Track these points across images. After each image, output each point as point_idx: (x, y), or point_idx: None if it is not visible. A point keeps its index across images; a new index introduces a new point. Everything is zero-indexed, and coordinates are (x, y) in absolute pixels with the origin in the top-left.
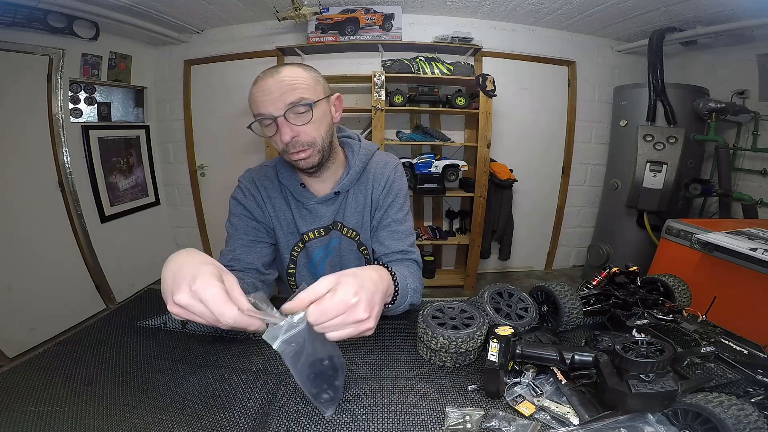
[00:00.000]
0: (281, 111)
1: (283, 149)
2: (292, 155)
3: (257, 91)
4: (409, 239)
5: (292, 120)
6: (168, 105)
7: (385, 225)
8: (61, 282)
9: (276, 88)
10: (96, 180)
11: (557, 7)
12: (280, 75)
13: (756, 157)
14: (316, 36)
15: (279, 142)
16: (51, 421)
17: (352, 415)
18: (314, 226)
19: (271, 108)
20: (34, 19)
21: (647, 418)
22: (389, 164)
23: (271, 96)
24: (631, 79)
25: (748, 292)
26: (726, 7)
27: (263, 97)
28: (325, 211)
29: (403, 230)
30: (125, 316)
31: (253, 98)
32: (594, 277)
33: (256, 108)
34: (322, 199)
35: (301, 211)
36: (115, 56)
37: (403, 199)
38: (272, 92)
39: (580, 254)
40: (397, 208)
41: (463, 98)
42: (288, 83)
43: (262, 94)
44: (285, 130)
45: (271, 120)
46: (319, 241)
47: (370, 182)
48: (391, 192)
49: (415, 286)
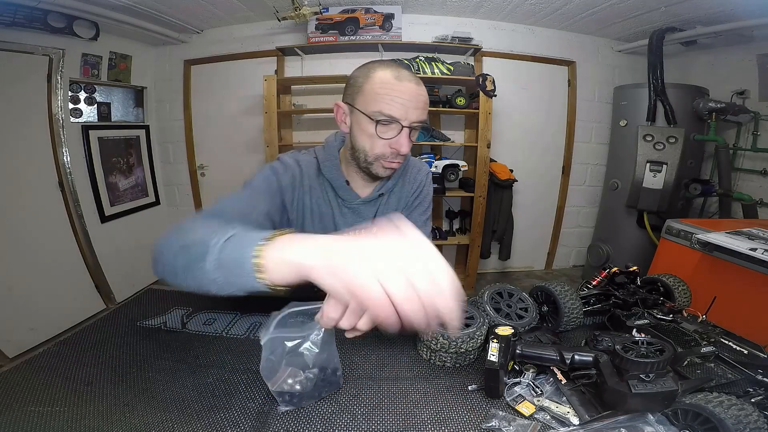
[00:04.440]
0: (410, 122)
1: (381, 153)
2: (388, 163)
3: (399, 91)
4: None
5: (411, 135)
6: (168, 105)
7: None
8: (61, 282)
9: (417, 99)
10: (96, 180)
11: (557, 7)
12: (421, 87)
13: (756, 157)
14: (316, 36)
15: (381, 145)
16: (51, 421)
17: (352, 415)
18: (355, 227)
19: (404, 114)
20: (34, 19)
21: (647, 418)
22: (423, 170)
23: (411, 103)
24: (631, 79)
25: (748, 292)
26: (726, 7)
27: (404, 101)
28: (367, 212)
29: (422, 233)
30: (125, 316)
31: (390, 94)
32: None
33: (388, 106)
34: (366, 200)
35: (342, 209)
36: (115, 56)
37: (428, 204)
38: (412, 101)
39: (580, 254)
40: (422, 211)
41: (463, 98)
42: (424, 100)
43: (405, 96)
44: (406, 141)
45: (390, 121)
46: None
47: (406, 185)
48: (420, 196)
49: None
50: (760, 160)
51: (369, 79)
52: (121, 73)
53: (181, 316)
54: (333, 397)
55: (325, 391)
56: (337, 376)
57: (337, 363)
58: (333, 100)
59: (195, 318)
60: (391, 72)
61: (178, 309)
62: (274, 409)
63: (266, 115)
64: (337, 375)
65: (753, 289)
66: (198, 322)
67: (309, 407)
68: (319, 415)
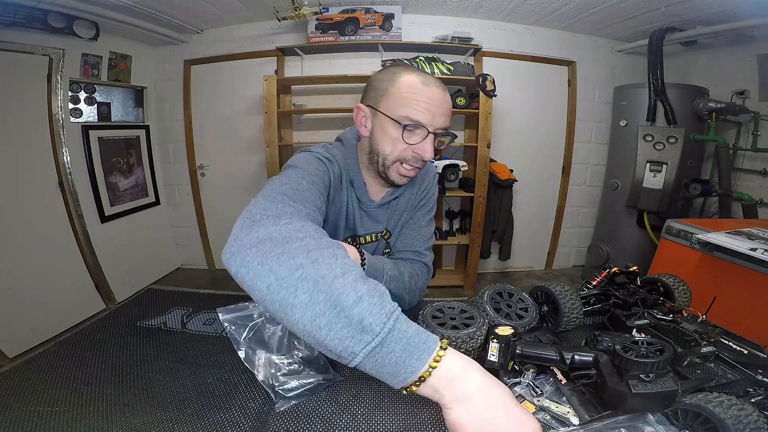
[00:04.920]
0: (435, 128)
1: (402, 157)
2: (406, 170)
3: (427, 96)
4: (428, 243)
5: (435, 142)
6: (168, 105)
7: (411, 224)
8: (61, 282)
9: (443, 105)
10: (96, 180)
11: (557, 7)
12: (446, 95)
13: (756, 157)
14: (316, 36)
15: (402, 148)
16: (51, 421)
17: (352, 415)
18: (371, 230)
19: (430, 120)
20: (34, 19)
21: (647, 418)
22: (430, 172)
23: (437, 110)
24: (631, 79)
25: (748, 292)
26: (726, 7)
27: (430, 107)
28: (382, 216)
29: (425, 233)
30: (125, 316)
31: (418, 99)
32: (594, 277)
33: (415, 111)
34: (381, 203)
35: (360, 211)
36: (115, 56)
37: (432, 204)
38: (439, 107)
39: (580, 254)
40: (426, 211)
41: (463, 98)
42: (448, 107)
43: (433, 102)
44: (430, 147)
45: (416, 126)
46: (371, 246)
47: (415, 187)
48: (426, 196)
49: (394, 274)
50: (760, 160)
51: (395, 83)
52: (121, 73)
53: (181, 316)
54: (333, 397)
55: (319, 381)
56: (322, 364)
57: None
58: (333, 100)
59: (195, 318)
60: (417, 77)
61: (178, 309)
62: (274, 408)
63: (266, 115)
64: (322, 363)
65: (753, 289)
66: (198, 322)
67: (309, 407)
68: (319, 414)
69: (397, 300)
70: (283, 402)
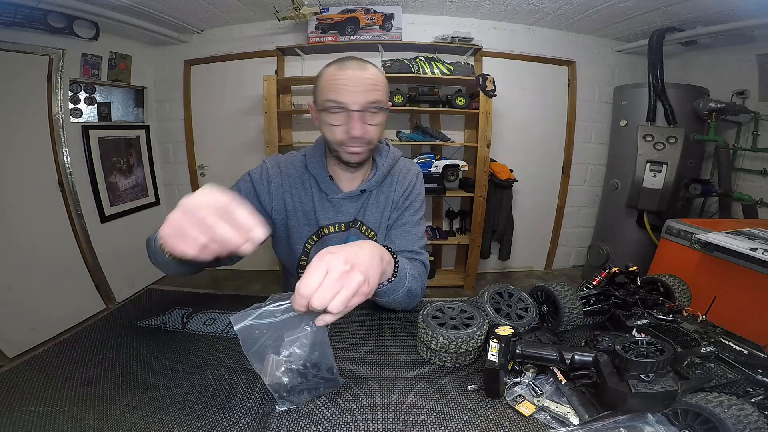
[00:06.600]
0: (359, 106)
1: (340, 140)
2: (350, 148)
3: (341, 78)
4: (420, 242)
5: (365, 118)
6: (168, 105)
7: (400, 225)
8: (61, 282)
9: (361, 83)
10: (96, 180)
11: (557, 7)
12: (367, 72)
13: (756, 157)
14: (316, 36)
15: (338, 132)
16: (51, 421)
17: (352, 415)
18: (335, 221)
19: (350, 99)
20: (34, 19)
21: (647, 418)
22: (412, 171)
23: (354, 88)
24: (631, 79)
25: (748, 292)
26: (726, 7)
27: (346, 87)
28: (348, 207)
29: (416, 232)
30: (125, 316)
31: (333, 83)
32: (594, 277)
33: (333, 93)
34: (348, 195)
35: (323, 203)
36: (115, 56)
37: (419, 204)
38: (357, 85)
39: (580, 254)
40: (414, 211)
41: (463, 98)
42: (372, 82)
43: (347, 83)
44: (357, 125)
45: (340, 109)
46: (337, 236)
47: (394, 185)
48: (411, 195)
49: (414, 273)
50: (760, 160)
51: (320, 76)
52: (121, 73)
53: (181, 316)
54: (333, 397)
55: (323, 388)
56: (334, 374)
57: (331, 362)
58: None
59: (195, 318)
60: (336, 65)
61: (178, 309)
62: (274, 408)
63: (266, 115)
64: (334, 373)
65: (753, 289)
66: (198, 322)
67: (309, 407)
68: (319, 414)
69: (412, 296)
70: (284, 402)
